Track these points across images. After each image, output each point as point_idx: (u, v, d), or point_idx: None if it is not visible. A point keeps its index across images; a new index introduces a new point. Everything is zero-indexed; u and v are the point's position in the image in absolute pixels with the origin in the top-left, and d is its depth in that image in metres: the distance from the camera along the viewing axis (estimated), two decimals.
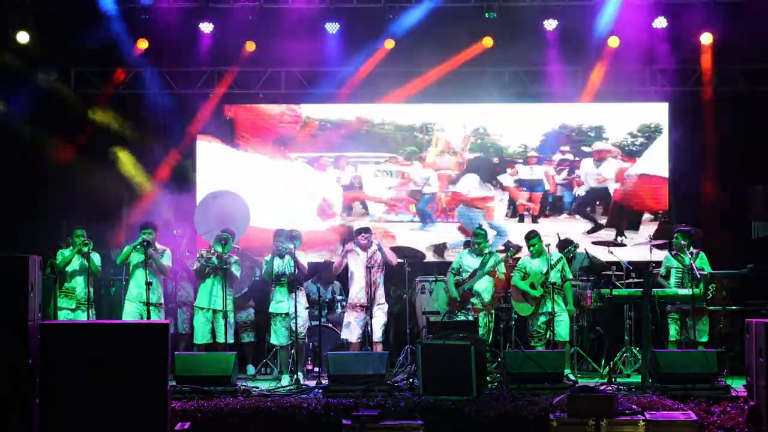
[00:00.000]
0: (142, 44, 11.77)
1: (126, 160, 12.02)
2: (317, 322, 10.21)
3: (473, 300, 10.23)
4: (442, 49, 11.78)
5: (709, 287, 10.00)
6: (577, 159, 12.49)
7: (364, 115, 12.56)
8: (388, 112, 12.55)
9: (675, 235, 10.23)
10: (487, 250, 10.42)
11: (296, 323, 9.84)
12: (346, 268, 10.30)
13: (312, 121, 12.54)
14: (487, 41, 11.81)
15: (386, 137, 12.57)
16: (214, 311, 10.00)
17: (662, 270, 10.28)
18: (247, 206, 11.54)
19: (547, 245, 10.20)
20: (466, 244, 11.19)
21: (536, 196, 12.51)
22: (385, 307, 10.21)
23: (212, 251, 10.03)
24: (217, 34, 11.83)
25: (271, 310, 10.08)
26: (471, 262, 10.36)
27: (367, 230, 10.35)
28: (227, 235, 10.12)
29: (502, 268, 10.32)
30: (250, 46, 11.88)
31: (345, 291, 10.82)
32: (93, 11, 11.31)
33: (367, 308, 10.01)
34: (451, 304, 10.27)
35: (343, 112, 12.56)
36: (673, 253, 10.26)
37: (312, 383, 9.58)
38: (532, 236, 10.34)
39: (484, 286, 10.28)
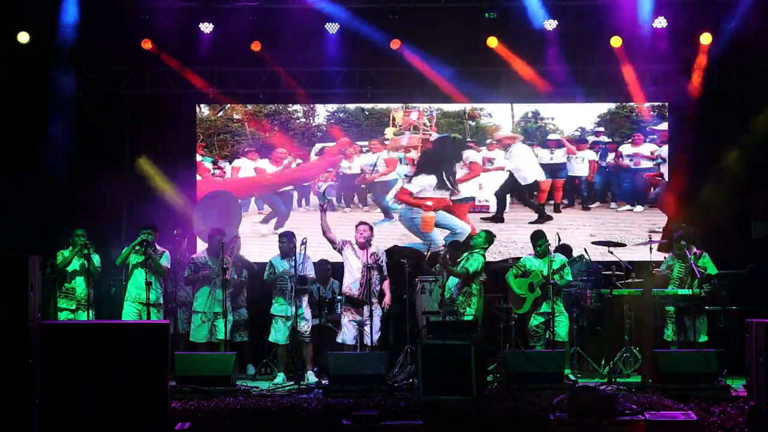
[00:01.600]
0: (146, 45, 11.73)
1: (146, 165, 12.01)
2: (317, 322, 10.20)
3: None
4: (442, 49, 11.79)
5: (703, 287, 9.98)
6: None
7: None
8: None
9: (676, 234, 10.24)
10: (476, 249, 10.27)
11: (295, 324, 9.82)
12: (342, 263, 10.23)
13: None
14: (492, 41, 11.80)
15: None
16: (214, 314, 10.01)
17: (663, 267, 10.28)
18: (240, 205, 11.89)
19: (548, 244, 10.19)
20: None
21: (559, 183, 12.36)
22: (380, 311, 9.97)
23: (206, 263, 10.12)
24: (217, 33, 11.83)
25: (272, 311, 10.06)
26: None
27: (364, 224, 10.10)
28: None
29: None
30: (256, 46, 11.86)
31: None
32: (93, 11, 11.32)
33: (363, 303, 9.81)
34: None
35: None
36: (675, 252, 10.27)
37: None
38: (540, 236, 10.28)
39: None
